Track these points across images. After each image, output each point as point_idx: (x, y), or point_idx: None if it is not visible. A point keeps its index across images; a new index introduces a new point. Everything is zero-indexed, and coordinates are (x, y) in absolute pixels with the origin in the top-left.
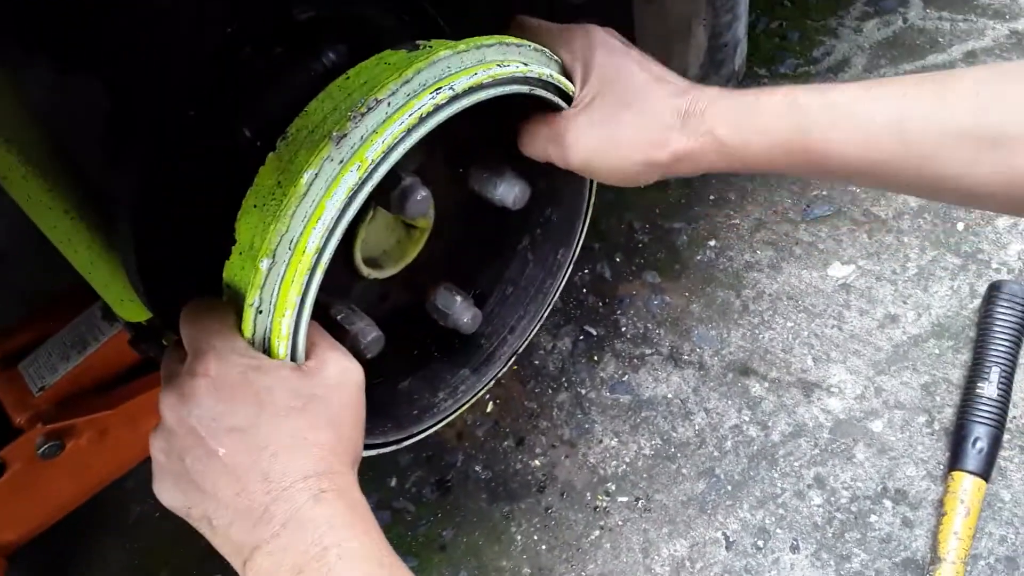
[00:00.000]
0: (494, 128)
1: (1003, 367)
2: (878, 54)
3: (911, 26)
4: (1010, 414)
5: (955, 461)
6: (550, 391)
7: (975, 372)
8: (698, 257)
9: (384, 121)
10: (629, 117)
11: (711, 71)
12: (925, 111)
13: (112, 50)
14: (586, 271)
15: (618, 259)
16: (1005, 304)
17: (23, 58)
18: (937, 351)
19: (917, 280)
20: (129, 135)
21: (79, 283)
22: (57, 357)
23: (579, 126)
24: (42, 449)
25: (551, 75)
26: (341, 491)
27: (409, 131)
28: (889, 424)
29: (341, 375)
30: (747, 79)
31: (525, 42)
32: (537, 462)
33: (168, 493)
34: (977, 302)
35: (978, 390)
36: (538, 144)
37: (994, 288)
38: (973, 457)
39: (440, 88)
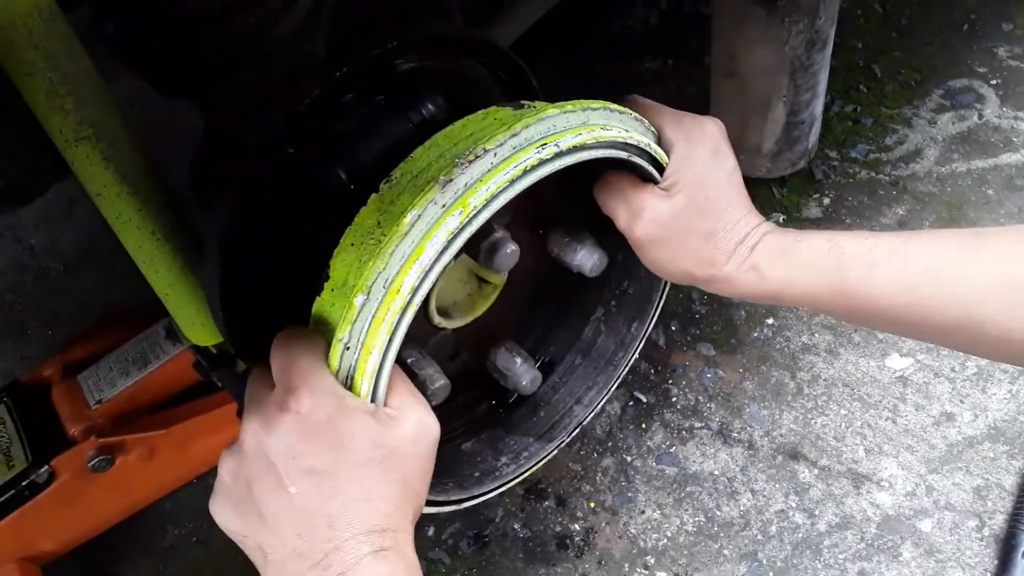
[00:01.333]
0: (579, 195)
1: None
2: (951, 148)
3: (986, 123)
4: None
5: (1003, 570)
6: (596, 455)
7: None
8: (755, 334)
9: (490, 170)
10: (698, 229)
11: (785, 147)
12: (962, 259)
13: (216, 79)
14: None
15: (674, 328)
16: None
17: (128, 76)
18: (992, 455)
19: (976, 380)
20: (224, 164)
21: (143, 300)
22: (117, 372)
23: (657, 211)
24: (93, 462)
25: (648, 144)
26: (400, 550)
27: (512, 182)
28: (938, 525)
29: (419, 430)
30: (817, 159)
31: (627, 110)
32: (577, 526)
33: (226, 515)
34: None
35: None
36: (614, 200)
37: None
38: (1022, 568)
39: (546, 144)
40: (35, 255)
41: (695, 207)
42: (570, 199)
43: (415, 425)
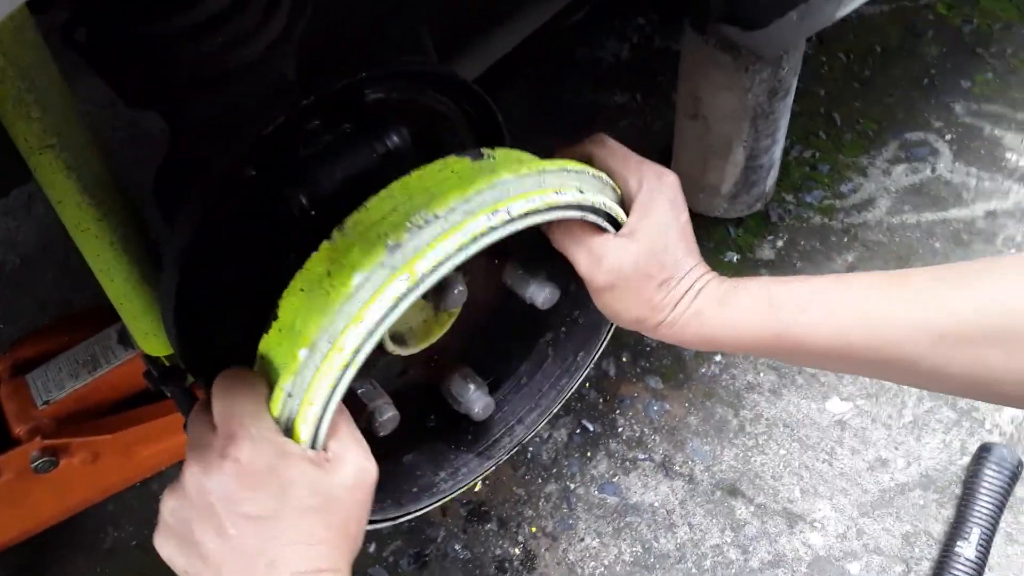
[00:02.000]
0: (536, 229)
1: (984, 529)
2: (903, 199)
3: (939, 177)
4: None
5: None
6: (540, 480)
7: (956, 530)
8: (703, 370)
9: (438, 236)
10: (654, 278)
11: (743, 190)
12: (889, 302)
13: (184, 95)
14: (592, 366)
15: (624, 359)
16: (993, 468)
17: (93, 84)
18: (922, 502)
19: (911, 428)
20: (187, 180)
21: (98, 303)
22: (66, 373)
23: (618, 258)
24: (36, 463)
25: (604, 203)
26: None
27: (461, 248)
28: (866, 568)
29: (358, 476)
30: (774, 202)
31: (586, 168)
32: (517, 550)
33: (170, 551)
34: (967, 459)
35: (957, 548)
36: (574, 247)
37: (984, 449)
38: None
39: (497, 211)
40: None
41: (654, 257)
42: (526, 232)
43: (354, 471)
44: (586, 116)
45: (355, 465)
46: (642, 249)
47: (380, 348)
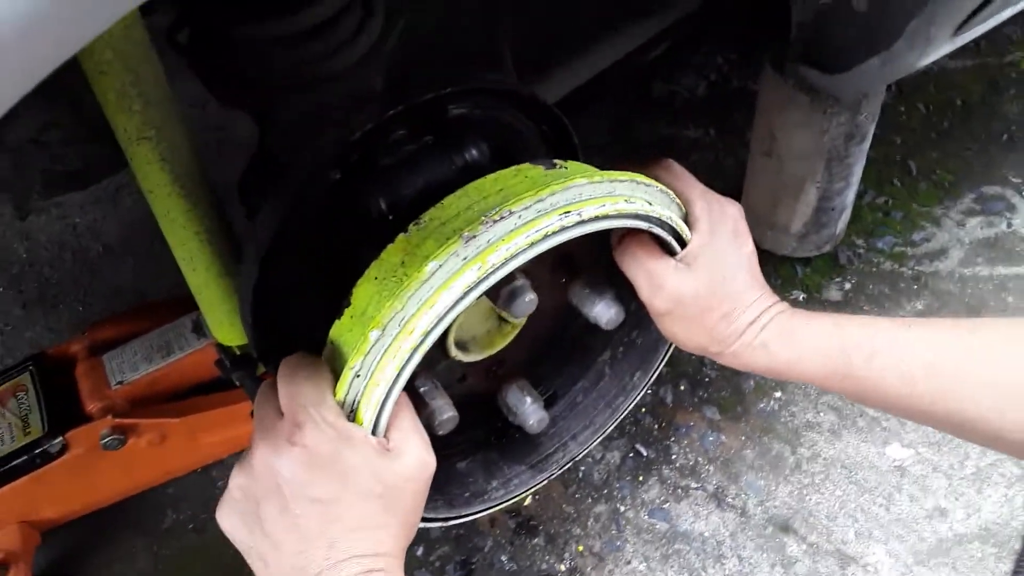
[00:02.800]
0: (602, 248)
1: None
2: (976, 252)
3: (1014, 232)
4: None
5: None
6: (590, 500)
7: None
8: (761, 405)
9: (512, 231)
10: (715, 309)
11: (813, 230)
12: (956, 356)
13: (275, 99)
14: (649, 392)
15: (682, 387)
16: None
17: (191, 81)
18: (979, 555)
19: (973, 480)
20: (273, 178)
21: (175, 292)
22: (141, 357)
23: (678, 287)
24: (105, 440)
25: (671, 217)
26: (390, 572)
27: (532, 245)
28: None
29: (418, 467)
30: (843, 245)
31: (654, 183)
32: (563, 567)
33: (233, 525)
34: None
35: None
36: (636, 270)
37: None
38: None
39: (569, 212)
40: (77, 234)
41: (714, 287)
42: (594, 250)
43: (414, 461)
44: (659, 149)
45: (415, 456)
46: (701, 278)
47: (443, 352)
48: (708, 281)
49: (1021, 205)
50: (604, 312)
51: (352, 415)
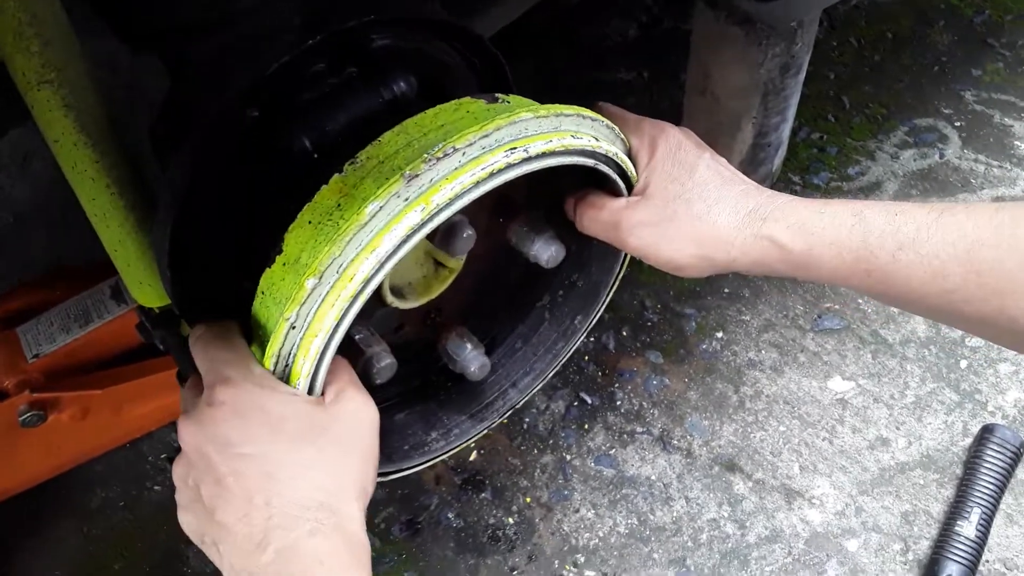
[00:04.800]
0: (542, 185)
1: (984, 509)
2: (910, 183)
3: (947, 162)
4: (984, 557)
5: None
6: (536, 451)
7: (956, 510)
8: (703, 346)
9: (456, 169)
10: (686, 212)
11: (750, 169)
12: (996, 244)
13: (186, 38)
14: (591, 339)
15: (624, 333)
16: (995, 448)
17: (94, 27)
18: (922, 482)
19: (913, 409)
20: (186, 122)
21: (92, 258)
22: (58, 328)
23: (635, 216)
24: (24, 417)
25: (616, 154)
26: (340, 527)
27: (478, 183)
28: (864, 546)
29: (356, 412)
30: (780, 182)
31: (600, 117)
32: (511, 520)
33: (185, 520)
34: (968, 441)
35: (957, 528)
36: (597, 227)
37: (987, 430)
38: None
39: (515, 148)
40: None
41: (673, 197)
42: (533, 190)
43: (352, 407)
44: (591, 94)
45: (352, 402)
46: (656, 197)
47: (379, 299)
48: (662, 195)
49: (953, 136)
50: (544, 249)
51: (288, 369)
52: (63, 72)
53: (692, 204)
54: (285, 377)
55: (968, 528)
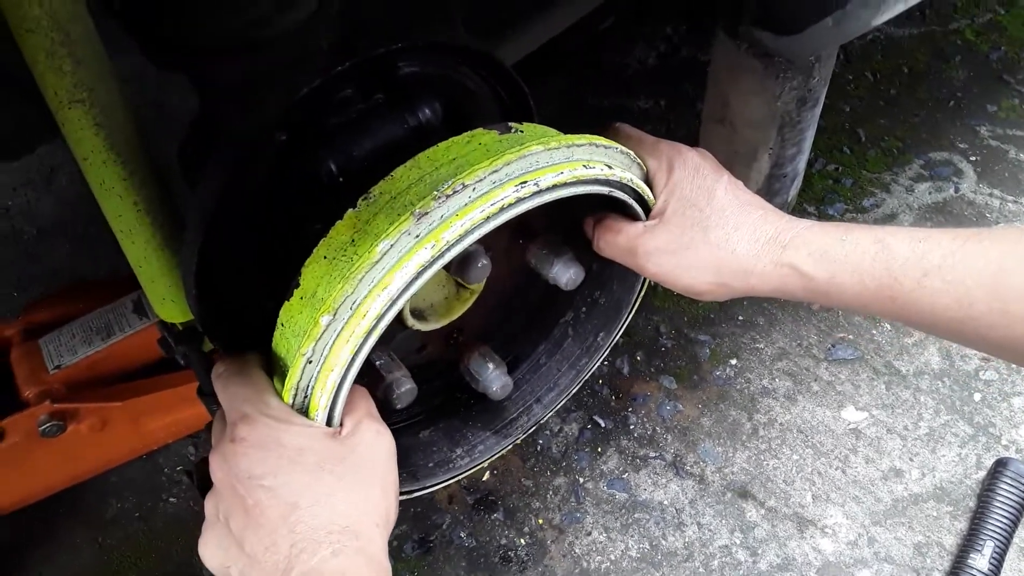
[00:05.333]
0: (560, 209)
1: (998, 542)
2: (924, 216)
3: (962, 196)
4: None
5: None
6: (549, 473)
7: (969, 542)
8: (717, 372)
9: (466, 206)
10: (704, 239)
11: (766, 198)
12: (1021, 270)
13: (216, 61)
14: (605, 363)
15: (639, 358)
16: (1009, 482)
17: (126, 46)
18: (935, 514)
19: (927, 440)
20: (215, 143)
21: (114, 273)
22: (79, 340)
23: (653, 242)
24: (44, 427)
25: (632, 179)
26: (362, 549)
27: (488, 219)
28: None
29: (373, 442)
30: (795, 212)
31: (614, 144)
32: (523, 540)
33: (211, 551)
34: (982, 474)
35: (970, 560)
36: (614, 252)
37: (1000, 464)
38: None
39: (525, 183)
40: (9, 216)
41: (691, 223)
42: (551, 214)
43: (369, 435)
44: (610, 119)
45: (370, 430)
46: (674, 222)
47: (400, 322)
48: (680, 220)
49: (968, 170)
50: (563, 272)
51: (307, 401)
52: (94, 92)
53: (710, 231)
54: (304, 409)
55: (981, 561)
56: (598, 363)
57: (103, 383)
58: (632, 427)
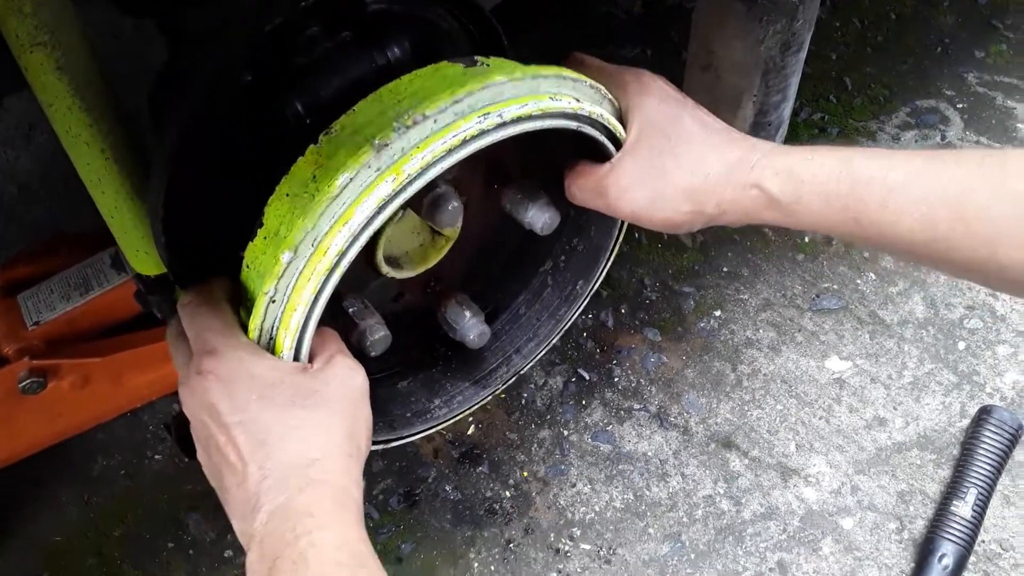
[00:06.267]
0: (535, 151)
1: (981, 489)
2: None
3: (948, 144)
4: (980, 537)
5: (919, 573)
6: (533, 426)
7: (953, 490)
8: (701, 324)
9: (427, 137)
10: (675, 166)
11: None
12: (985, 190)
13: (181, 4)
14: (589, 316)
15: (623, 310)
16: (993, 429)
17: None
18: (918, 462)
19: (911, 389)
20: (180, 87)
21: (94, 228)
22: (58, 296)
23: (624, 176)
24: (24, 383)
25: (601, 115)
26: (329, 481)
27: (450, 151)
28: (860, 524)
29: (346, 375)
30: None
31: (583, 78)
32: (508, 493)
33: (205, 471)
34: (965, 422)
35: (953, 507)
36: (585, 196)
37: (984, 412)
38: (938, 572)
39: (488, 114)
40: None
41: (663, 148)
42: (525, 156)
43: (340, 371)
44: None
45: (341, 366)
46: (643, 154)
47: (374, 269)
48: (647, 147)
49: (955, 117)
50: (538, 216)
51: (272, 341)
52: (56, 34)
53: (681, 158)
54: (269, 349)
55: (964, 508)
56: (577, 312)
57: (83, 339)
58: (616, 379)
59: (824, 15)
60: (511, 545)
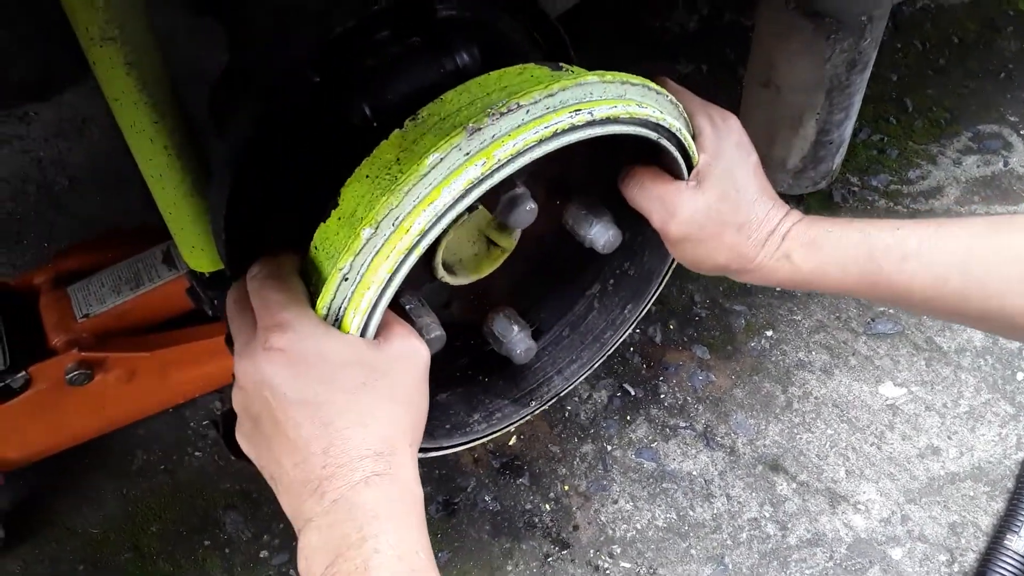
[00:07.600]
0: (600, 169)
1: None
2: (972, 190)
3: (1011, 170)
4: None
5: None
6: (576, 439)
7: (1006, 523)
8: (752, 344)
9: (519, 126)
10: (731, 223)
11: (810, 165)
12: (991, 250)
13: (249, 3)
14: (638, 331)
15: (672, 326)
16: None
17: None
18: (972, 493)
19: (966, 419)
20: (246, 88)
21: (145, 223)
22: (109, 289)
23: (692, 207)
24: (71, 375)
25: (680, 130)
26: (394, 476)
27: (541, 142)
28: (909, 555)
29: (410, 352)
30: (838, 183)
31: (665, 92)
32: (548, 506)
33: (245, 444)
34: (1021, 455)
35: (1006, 542)
36: (647, 200)
37: None
38: None
39: (580, 110)
40: (42, 167)
41: (727, 201)
42: (590, 172)
43: (405, 348)
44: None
45: (405, 342)
46: (713, 195)
47: (429, 272)
48: (720, 194)
49: (1018, 144)
50: (602, 233)
51: (338, 323)
52: (126, 29)
53: (739, 213)
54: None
55: (1018, 543)
56: (623, 337)
57: (131, 333)
58: (663, 396)
59: (886, 36)
60: (549, 559)
